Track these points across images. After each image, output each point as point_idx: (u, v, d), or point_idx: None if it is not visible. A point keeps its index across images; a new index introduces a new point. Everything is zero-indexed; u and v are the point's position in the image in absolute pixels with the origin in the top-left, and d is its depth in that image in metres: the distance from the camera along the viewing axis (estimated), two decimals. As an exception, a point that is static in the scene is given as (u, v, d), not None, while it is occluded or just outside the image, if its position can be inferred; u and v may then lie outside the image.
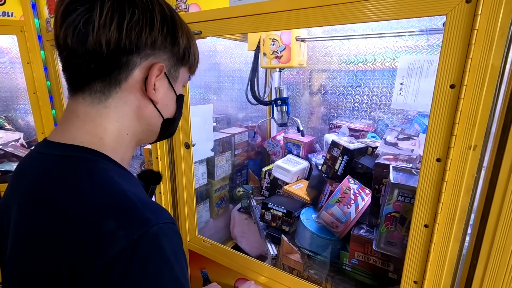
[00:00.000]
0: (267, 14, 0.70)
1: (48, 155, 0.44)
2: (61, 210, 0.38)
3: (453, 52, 0.52)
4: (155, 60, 0.46)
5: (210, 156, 1.29)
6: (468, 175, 0.55)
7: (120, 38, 0.41)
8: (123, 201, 0.39)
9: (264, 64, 1.22)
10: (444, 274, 0.61)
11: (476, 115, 0.52)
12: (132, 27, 0.41)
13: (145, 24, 0.43)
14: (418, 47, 1.10)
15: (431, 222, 0.60)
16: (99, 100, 0.44)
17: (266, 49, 1.19)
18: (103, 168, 0.42)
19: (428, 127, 0.57)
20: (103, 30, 0.40)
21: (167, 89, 0.50)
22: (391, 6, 0.56)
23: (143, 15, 0.42)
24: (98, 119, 0.45)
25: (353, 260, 0.87)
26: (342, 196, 0.90)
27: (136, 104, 0.47)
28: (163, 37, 0.45)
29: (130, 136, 0.49)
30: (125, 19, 0.41)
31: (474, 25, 0.49)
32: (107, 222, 0.36)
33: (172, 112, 0.53)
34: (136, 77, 0.45)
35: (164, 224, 0.39)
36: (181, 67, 0.52)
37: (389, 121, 1.23)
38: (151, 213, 0.39)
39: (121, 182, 0.41)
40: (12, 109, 1.92)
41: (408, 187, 0.69)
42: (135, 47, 0.43)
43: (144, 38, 0.43)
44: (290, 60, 1.16)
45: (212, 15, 0.79)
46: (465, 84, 0.51)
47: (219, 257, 1.02)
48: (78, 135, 0.44)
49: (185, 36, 0.49)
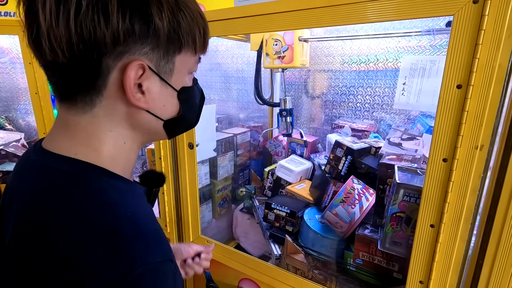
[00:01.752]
0: (272, 14, 0.70)
1: (45, 168, 0.40)
2: (52, 233, 0.34)
3: (460, 52, 0.52)
4: (132, 57, 0.37)
5: (213, 156, 1.29)
6: (475, 175, 0.55)
7: (72, 41, 0.33)
8: (114, 231, 0.34)
9: (266, 64, 1.22)
10: (450, 274, 0.62)
11: (483, 115, 0.52)
12: (82, 23, 0.33)
13: (97, 15, 0.33)
14: (420, 47, 1.10)
15: (437, 222, 0.60)
16: (84, 110, 0.39)
17: (268, 49, 1.19)
18: (99, 186, 0.38)
19: (434, 127, 0.57)
20: (53, 35, 0.33)
21: (160, 88, 0.41)
22: (398, 6, 0.56)
23: (92, 2, 0.33)
24: (89, 129, 0.40)
25: (358, 260, 0.87)
26: (347, 196, 0.90)
27: (125, 111, 0.40)
28: (127, 26, 0.34)
29: (129, 144, 0.43)
30: (71, 13, 0.32)
31: (482, 25, 0.49)
32: (94, 253, 0.33)
33: (174, 111, 0.45)
34: (115, 82, 0.38)
35: (155, 265, 0.34)
36: (177, 55, 0.41)
37: (392, 121, 1.23)
38: (142, 250, 0.34)
39: (119, 203, 0.37)
40: (12, 109, 1.92)
41: (414, 187, 0.69)
42: (96, 47, 0.34)
43: (101, 34, 0.33)
44: (293, 61, 1.16)
45: (217, 15, 0.79)
46: (472, 84, 0.51)
47: (223, 257, 1.02)
48: (72, 146, 0.40)
49: (167, 12, 0.37)
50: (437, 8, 0.52)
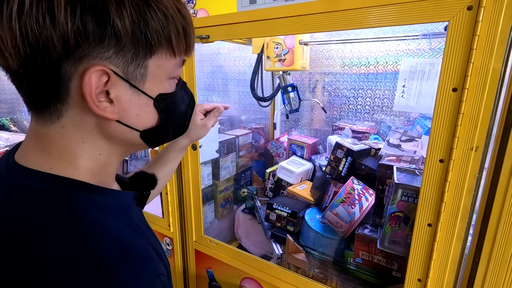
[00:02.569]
0: (274, 19, 0.73)
1: (16, 184, 0.36)
2: (29, 259, 0.31)
3: (455, 57, 0.54)
4: (93, 62, 0.32)
5: (215, 158, 1.31)
6: (470, 175, 0.57)
7: (17, 44, 0.29)
8: (99, 256, 0.32)
9: (267, 67, 1.24)
10: (447, 272, 0.63)
11: (478, 117, 0.54)
12: (25, 23, 0.28)
13: (42, 13, 0.28)
14: (420, 50, 1.12)
15: (435, 221, 0.62)
16: (52, 120, 0.35)
17: (269, 52, 1.21)
18: (79, 205, 0.35)
19: (431, 129, 0.58)
20: (1, 40, 0.29)
21: (131, 95, 0.36)
22: (395, 12, 0.58)
23: (36, 0, 0.28)
24: (59, 141, 0.36)
25: (358, 259, 0.89)
26: (347, 196, 0.92)
27: (94, 121, 0.36)
28: (77, 26, 0.29)
29: (105, 155, 0.40)
30: (12, 12, 0.28)
31: (476, 31, 0.51)
32: (77, 283, 0.30)
33: (151, 121, 0.40)
34: (76, 89, 0.33)
35: (146, 284, 0.33)
36: (148, 58, 0.36)
37: (392, 123, 1.25)
38: (131, 272, 0.33)
39: (100, 223, 0.35)
40: (17, 111, 1.95)
41: (412, 187, 0.71)
42: (45, 51, 0.30)
43: (48, 35, 0.29)
44: (293, 63, 1.18)
45: (220, 20, 0.81)
46: (467, 88, 0.53)
47: (225, 257, 1.04)
48: (44, 159, 0.36)
49: (129, 10, 0.31)
50: (432, 14, 0.54)
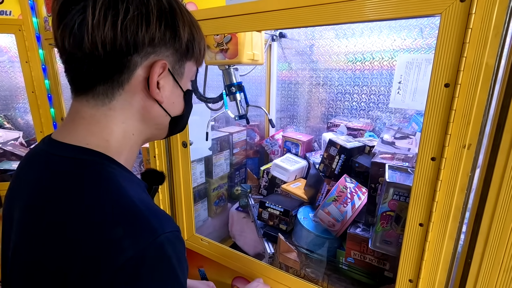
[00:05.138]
0: (264, 12, 0.70)
1: (55, 156, 0.43)
2: (69, 213, 0.38)
3: (448, 51, 0.52)
4: (157, 58, 0.44)
5: (208, 155, 1.30)
6: (463, 173, 0.55)
7: (116, 39, 0.39)
8: (130, 208, 0.39)
9: (208, 59, 0.95)
10: (439, 272, 0.62)
11: (471, 114, 0.52)
12: (127, 26, 0.39)
13: (141, 20, 0.40)
14: (416, 46, 1.10)
15: (426, 221, 0.60)
16: (103, 103, 0.43)
17: (209, 39, 0.92)
18: (111, 172, 0.42)
19: (423, 126, 0.57)
20: (97, 31, 0.38)
21: (172, 87, 0.48)
22: (386, 5, 0.56)
23: (138, 10, 0.40)
24: (103, 121, 0.44)
25: (349, 259, 0.88)
26: (339, 195, 0.90)
27: (141, 105, 0.46)
28: (161, 33, 0.43)
29: (136, 136, 0.48)
30: (119, 17, 0.38)
31: (469, 24, 0.49)
32: (114, 230, 0.36)
33: (180, 109, 0.52)
34: (138, 77, 0.43)
35: (170, 233, 0.39)
36: (186, 62, 0.49)
37: (387, 120, 1.23)
38: (157, 222, 0.39)
39: (128, 188, 0.41)
40: (11, 108, 1.93)
41: (403, 186, 0.69)
42: (133, 47, 0.41)
43: (141, 36, 0.41)
44: (237, 55, 0.89)
45: (209, 14, 0.79)
46: (460, 83, 0.51)
47: (217, 256, 1.03)
48: (84, 136, 0.43)
49: (187, 28, 0.46)
50: (423, 7, 0.52)
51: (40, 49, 1.35)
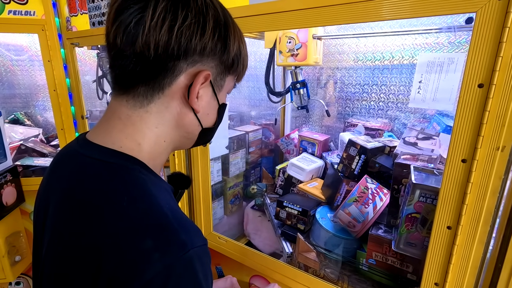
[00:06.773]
0: (288, 12, 0.70)
1: (88, 158, 0.43)
2: (99, 219, 0.38)
3: (483, 51, 0.50)
4: (202, 67, 0.44)
5: (225, 154, 1.30)
6: (495, 176, 0.53)
7: (169, 42, 0.39)
8: (161, 219, 0.38)
9: (280, 62, 1.21)
10: (466, 277, 0.60)
11: (505, 115, 0.50)
12: (183, 31, 0.39)
13: (197, 28, 0.40)
14: (438, 44, 1.07)
15: (455, 224, 0.59)
16: (141, 104, 0.43)
17: (282, 47, 1.18)
18: (142, 179, 0.42)
19: (453, 127, 0.55)
20: (153, 32, 0.38)
21: (210, 98, 0.48)
22: (415, 3, 0.55)
23: (196, 19, 0.40)
24: (138, 124, 0.44)
25: (371, 260, 0.87)
26: (360, 195, 0.89)
27: (177, 111, 0.45)
28: (213, 43, 0.43)
29: (167, 143, 0.48)
30: (177, 22, 0.39)
31: (506, 22, 0.47)
32: (144, 241, 0.36)
33: (212, 121, 0.51)
34: (180, 83, 0.43)
35: (198, 248, 0.39)
36: (228, 76, 0.49)
37: (406, 120, 1.21)
38: (187, 235, 0.39)
39: (158, 195, 0.41)
40: (31, 105, 1.98)
41: (431, 187, 0.68)
42: (183, 53, 0.41)
43: (194, 43, 0.41)
44: (306, 58, 1.15)
45: (232, 14, 0.78)
46: (495, 83, 0.50)
47: (234, 254, 1.03)
48: (118, 138, 0.44)
49: (237, 42, 0.46)
50: (458, 5, 0.51)
51: (61, 49, 1.37)
